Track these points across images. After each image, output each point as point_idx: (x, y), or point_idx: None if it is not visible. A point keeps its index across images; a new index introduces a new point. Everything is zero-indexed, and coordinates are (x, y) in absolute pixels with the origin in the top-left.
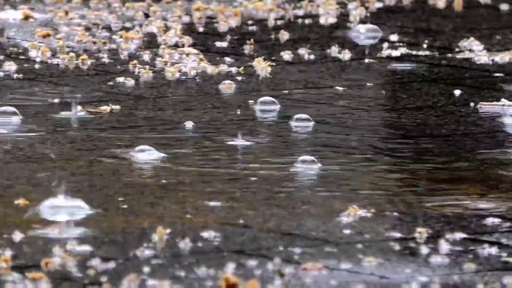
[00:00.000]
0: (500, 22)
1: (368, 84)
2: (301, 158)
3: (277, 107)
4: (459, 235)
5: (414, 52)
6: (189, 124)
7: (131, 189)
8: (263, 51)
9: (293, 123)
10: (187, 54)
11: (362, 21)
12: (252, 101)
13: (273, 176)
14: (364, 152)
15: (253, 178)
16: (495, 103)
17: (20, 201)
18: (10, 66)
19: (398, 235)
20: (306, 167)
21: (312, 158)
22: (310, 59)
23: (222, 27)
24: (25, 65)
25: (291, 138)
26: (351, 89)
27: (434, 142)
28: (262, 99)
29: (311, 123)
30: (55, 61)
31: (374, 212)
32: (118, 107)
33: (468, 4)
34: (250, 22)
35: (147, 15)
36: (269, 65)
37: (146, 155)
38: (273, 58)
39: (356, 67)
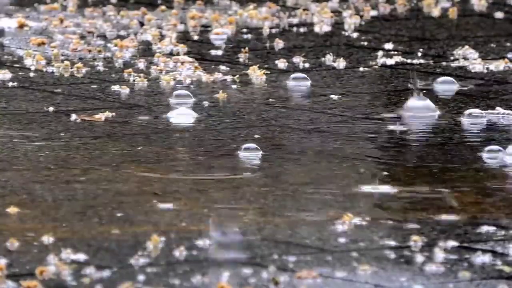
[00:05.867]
0: (495, 30)
1: (363, 92)
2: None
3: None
4: (454, 244)
5: (409, 61)
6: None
7: (126, 197)
8: (258, 60)
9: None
10: (182, 62)
11: (357, 30)
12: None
13: (267, 184)
14: (359, 161)
15: (247, 186)
16: (490, 111)
17: (14, 210)
18: (5, 75)
19: (393, 243)
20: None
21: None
22: (305, 67)
23: (217, 35)
24: (20, 73)
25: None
26: (346, 97)
27: (429, 150)
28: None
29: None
30: (50, 69)
31: (369, 220)
32: (113, 114)
33: (463, 12)
34: (245, 30)
35: (142, 24)
36: (264, 73)
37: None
38: (267, 66)
39: (351, 75)
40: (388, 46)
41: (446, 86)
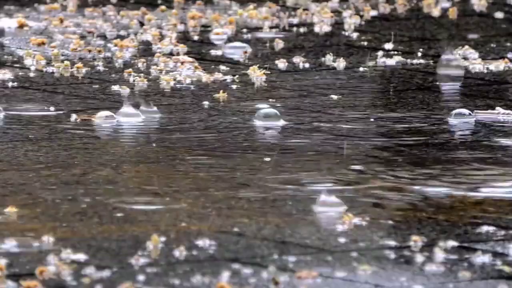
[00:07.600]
0: (495, 30)
1: (363, 92)
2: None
3: None
4: (454, 244)
5: (408, 61)
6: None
7: (126, 197)
8: (258, 60)
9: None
10: (182, 62)
11: (357, 30)
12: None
13: (267, 183)
14: (359, 161)
15: (248, 186)
16: (490, 111)
17: (14, 210)
18: (5, 75)
19: (393, 243)
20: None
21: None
22: (305, 67)
23: (217, 35)
24: (20, 73)
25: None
26: (346, 97)
27: (429, 150)
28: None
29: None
30: (50, 69)
31: (369, 220)
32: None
33: (463, 12)
34: (245, 30)
35: (142, 24)
36: (264, 73)
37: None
38: (267, 66)
39: (351, 75)
40: (388, 46)
41: None
